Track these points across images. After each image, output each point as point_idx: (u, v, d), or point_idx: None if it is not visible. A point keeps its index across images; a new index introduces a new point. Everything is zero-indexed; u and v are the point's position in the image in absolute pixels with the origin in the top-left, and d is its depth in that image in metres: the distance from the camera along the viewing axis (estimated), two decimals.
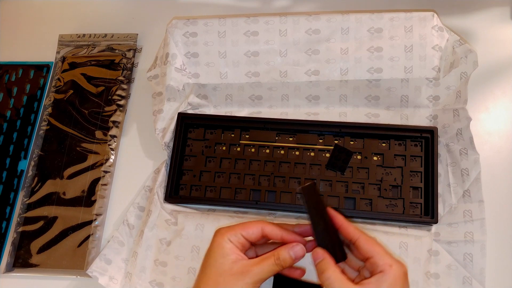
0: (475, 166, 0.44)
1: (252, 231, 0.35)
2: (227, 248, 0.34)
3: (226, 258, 0.34)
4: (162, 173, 0.48)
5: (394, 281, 0.31)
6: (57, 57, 0.58)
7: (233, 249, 0.34)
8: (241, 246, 0.35)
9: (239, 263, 0.33)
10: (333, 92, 0.50)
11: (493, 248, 0.43)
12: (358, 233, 0.34)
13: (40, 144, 0.53)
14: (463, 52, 0.47)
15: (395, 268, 0.32)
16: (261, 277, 0.33)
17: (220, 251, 0.34)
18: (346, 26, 0.48)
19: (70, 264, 0.47)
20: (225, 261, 0.33)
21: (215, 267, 0.34)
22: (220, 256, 0.34)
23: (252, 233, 0.35)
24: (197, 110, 0.52)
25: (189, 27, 0.50)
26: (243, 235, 0.35)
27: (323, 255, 0.34)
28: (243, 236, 0.35)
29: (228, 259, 0.34)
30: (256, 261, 0.34)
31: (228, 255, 0.34)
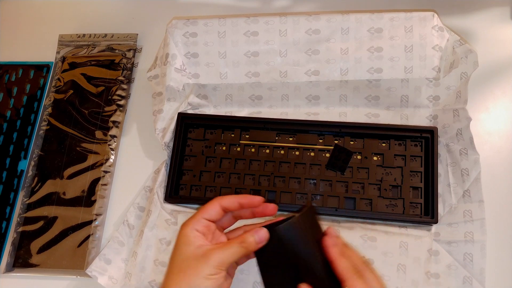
0: (475, 166, 0.44)
1: (211, 210, 0.35)
2: (191, 237, 0.34)
3: (190, 245, 0.34)
4: (162, 173, 0.48)
5: None
6: (57, 57, 0.58)
7: (197, 237, 0.34)
8: (207, 230, 0.35)
9: (203, 248, 0.34)
10: (333, 92, 0.50)
11: (493, 248, 0.43)
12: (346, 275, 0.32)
13: (40, 144, 0.53)
14: (463, 52, 0.47)
15: None
16: (224, 260, 0.33)
17: (184, 239, 0.34)
18: (346, 26, 0.48)
19: (70, 264, 0.47)
20: (189, 248, 0.34)
21: (179, 255, 0.34)
22: (184, 244, 0.34)
23: (212, 212, 0.35)
24: (197, 110, 0.52)
25: (189, 27, 0.50)
26: (205, 217, 0.35)
27: None
28: (205, 219, 0.35)
29: (191, 246, 0.34)
30: (220, 245, 0.34)
31: (192, 243, 0.34)
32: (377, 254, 0.43)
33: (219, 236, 0.37)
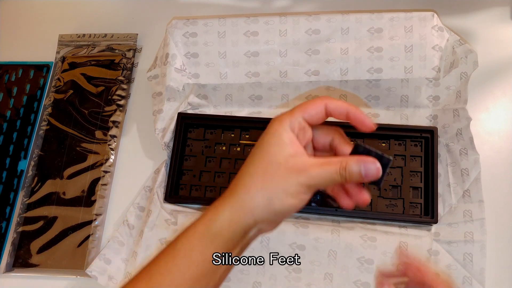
0: (475, 166, 0.44)
1: (315, 111, 0.29)
2: (286, 138, 0.28)
3: (283, 148, 0.28)
4: (162, 173, 0.48)
5: None
6: (57, 57, 0.58)
7: (293, 141, 0.28)
8: (302, 134, 0.29)
9: (298, 158, 0.28)
10: (333, 92, 0.50)
11: (493, 248, 0.43)
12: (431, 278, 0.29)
13: (40, 144, 0.53)
14: (463, 52, 0.47)
15: None
16: (318, 182, 0.28)
17: (276, 139, 0.28)
18: (346, 26, 0.48)
19: (70, 264, 0.47)
20: (282, 152, 0.28)
21: (268, 155, 0.28)
22: (276, 145, 0.28)
23: (315, 114, 0.29)
24: (197, 110, 0.52)
25: (189, 27, 0.50)
26: (304, 118, 0.29)
27: None
28: (304, 120, 0.29)
29: (285, 150, 0.28)
30: (319, 162, 0.28)
31: (285, 145, 0.28)
32: (377, 254, 0.43)
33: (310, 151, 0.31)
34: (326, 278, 0.43)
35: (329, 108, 0.29)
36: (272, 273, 0.44)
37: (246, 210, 0.28)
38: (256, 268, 0.44)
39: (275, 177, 0.27)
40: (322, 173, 0.27)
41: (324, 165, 0.28)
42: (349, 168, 0.27)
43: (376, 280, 0.30)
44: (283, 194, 0.27)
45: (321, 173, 0.27)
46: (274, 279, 0.44)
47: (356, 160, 0.28)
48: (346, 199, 0.30)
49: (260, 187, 0.28)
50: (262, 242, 0.44)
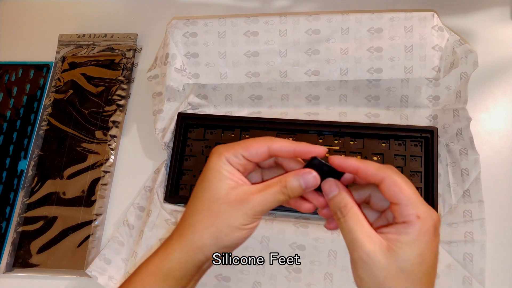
0: (475, 166, 0.44)
1: (255, 151, 0.29)
2: (225, 171, 0.28)
3: (223, 182, 0.28)
4: (162, 173, 0.48)
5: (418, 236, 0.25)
6: (57, 57, 0.58)
7: (232, 172, 0.28)
8: (242, 168, 0.29)
9: (238, 189, 0.28)
10: (333, 92, 0.50)
11: (493, 248, 0.43)
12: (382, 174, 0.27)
13: (40, 144, 0.53)
14: (463, 52, 0.47)
15: (424, 220, 0.25)
16: (262, 208, 0.28)
17: (216, 173, 0.28)
18: (346, 26, 0.48)
19: (70, 264, 0.47)
20: (222, 186, 0.28)
21: (210, 192, 0.28)
22: (216, 180, 0.28)
23: (255, 153, 0.29)
24: (197, 110, 0.52)
25: (189, 27, 0.50)
26: (244, 156, 0.29)
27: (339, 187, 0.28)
28: (244, 158, 0.29)
29: (225, 184, 0.28)
30: (259, 188, 0.28)
31: (225, 178, 0.28)
32: None
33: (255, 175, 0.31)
34: (326, 278, 0.43)
35: (273, 149, 0.29)
36: (272, 273, 0.44)
37: (195, 249, 0.28)
38: (256, 268, 0.44)
39: (219, 214, 0.28)
40: (264, 198, 0.28)
41: (265, 190, 0.28)
42: (289, 185, 0.28)
43: None
44: (229, 229, 0.28)
45: (263, 199, 0.28)
46: (274, 279, 0.44)
47: (293, 175, 0.28)
48: (305, 204, 0.31)
49: (206, 226, 0.28)
50: (262, 242, 0.44)
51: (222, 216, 0.28)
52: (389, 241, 0.26)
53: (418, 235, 0.25)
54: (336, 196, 0.28)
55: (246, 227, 0.28)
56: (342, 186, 0.29)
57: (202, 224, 0.28)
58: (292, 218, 0.46)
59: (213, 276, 0.44)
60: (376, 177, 0.27)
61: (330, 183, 0.28)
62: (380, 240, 0.26)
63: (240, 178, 0.29)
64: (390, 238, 0.26)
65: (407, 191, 0.26)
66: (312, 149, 0.29)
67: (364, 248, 0.26)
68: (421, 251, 0.25)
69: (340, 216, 0.28)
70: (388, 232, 0.26)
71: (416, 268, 0.26)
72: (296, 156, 0.29)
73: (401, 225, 0.26)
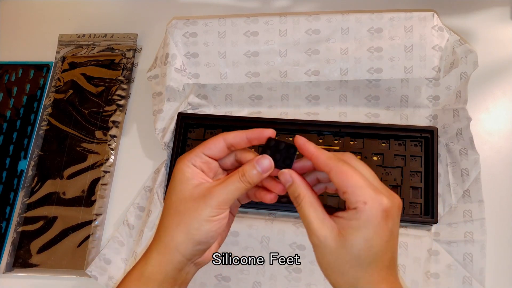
0: (475, 166, 0.44)
1: (214, 146, 0.31)
2: (188, 173, 0.30)
3: (187, 183, 0.30)
4: (162, 173, 0.48)
5: (365, 222, 0.26)
6: (57, 57, 0.58)
7: (196, 173, 0.30)
8: (207, 168, 0.31)
9: (201, 186, 0.30)
10: (333, 92, 0.50)
11: (493, 248, 0.43)
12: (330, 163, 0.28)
13: (40, 144, 0.53)
14: (463, 52, 0.47)
15: (370, 206, 0.26)
16: (226, 198, 0.29)
17: (180, 176, 0.30)
18: (346, 26, 0.48)
19: (70, 264, 0.47)
20: (186, 186, 0.30)
21: (175, 194, 0.30)
22: (180, 183, 0.30)
23: (214, 148, 0.31)
24: (197, 110, 0.52)
25: (189, 27, 0.50)
26: (205, 153, 0.31)
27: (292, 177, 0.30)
28: (206, 155, 0.31)
29: (189, 184, 0.30)
30: (220, 181, 0.30)
31: (189, 179, 0.30)
32: None
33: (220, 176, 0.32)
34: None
35: (228, 140, 0.31)
36: (272, 273, 0.44)
37: (171, 249, 0.30)
38: (256, 268, 0.44)
39: (186, 211, 0.29)
40: (226, 189, 0.29)
41: (225, 181, 0.30)
42: (247, 173, 0.30)
43: None
44: (198, 223, 0.29)
45: (225, 189, 0.29)
46: (274, 279, 0.44)
47: (249, 164, 0.30)
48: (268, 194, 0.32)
49: (176, 225, 0.30)
50: (262, 242, 0.44)
51: (189, 212, 0.29)
52: (341, 226, 0.27)
53: (365, 221, 0.27)
54: (291, 186, 0.30)
55: (214, 219, 0.29)
56: (296, 176, 0.30)
57: (173, 223, 0.30)
58: (292, 218, 0.46)
59: (213, 276, 0.44)
60: (325, 166, 0.28)
61: (285, 174, 0.30)
62: (332, 225, 0.28)
63: (203, 178, 0.31)
64: (341, 223, 0.27)
65: (354, 178, 0.27)
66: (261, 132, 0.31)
67: (317, 233, 0.28)
68: (368, 236, 0.27)
69: (296, 204, 0.30)
70: (341, 217, 0.28)
71: (364, 253, 0.27)
72: (250, 141, 0.31)
73: (351, 211, 0.27)
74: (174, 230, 0.30)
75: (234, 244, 0.44)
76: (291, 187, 0.30)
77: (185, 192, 0.30)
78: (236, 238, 0.44)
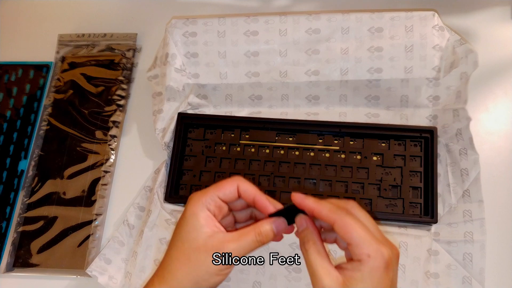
0: (474, 166, 0.44)
1: (228, 191, 0.32)
2: (202, 218, 0.31)
3: (201, 231, 0.30)
4: (162, 173, 0.48)
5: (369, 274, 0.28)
6: (57, 57, 0.58)
7: (209, 220, 0.31)
8: (218, 211, 0.32)
9: (215, 238, 0.30)
10: (333, 92, 0.50)
11: (493, 248, 0.43)
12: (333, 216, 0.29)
13: (40, 144, 0.53)
14: (463, 52, 0.47)
15: (373, 259, 0.28)
16: (238, 254, 0.30)
17: (193, 222, 0.31)
18: (346, 26, 0.48)
19: (70, 264, 0.48)
20: (199, 235, 0.30)
21: (188, 241, 0.30)
22: (194, 229, 0.30)
23: (229, 193, 0.32)
24: (197, 110, 0.52)
25: (189, 26, 0.50)
26: (219, 197, 0.32)
27: (307, 223, 0.31)
28: (219, 198, 0.32)
29: (202, 233, 0.30)
30: (235, 236, 0.31)
31: (202, 227, 0.30)
32: None
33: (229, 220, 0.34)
34: None
35: (240, 190, 0.32)
36: (272, 273, 0.44)
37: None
38: (256, 268, 0.44)
39: (198, 262, 0.30)
40: (240, 246, 0.31)
41: (240, 237, 0.31)
42: (264, 231, 0.31)
43: None
44: (208, 275, 0.30)
45: (239, 247, 0.31)
46: (274, 279, 0.44)
47: (267, 222, 0.32)
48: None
49: (185, 272, 0.30)
50: None
51: (201, 264, 0.30)
52: (345, 277, 0.28)
53: (369, 272, 0.28)
54: (303, 231, 0.31)
55: (223, 272, 0.31)
56: (310, 222, 0.31)
57: (182, 271, 0.30)
58: None
59: None
60: (329, 219, 0.29)
61: (301, 219, 0.32)
62: (337, 276, 0.29)
63: (216, 225, 0.31)
64: (346, 274, 0.29)
65: (358, 232, 0.28)
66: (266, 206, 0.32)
67: (322, 282, 0.28)
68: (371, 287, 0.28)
69: (304, 251, 0.31)
70: (346, 268, 0.29)
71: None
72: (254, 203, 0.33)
73: (356, 263, 0.28)
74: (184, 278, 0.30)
75: None
76: (303, 232, 0.31)
77: (199, 242, 0.30)
78: None
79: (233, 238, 0.31)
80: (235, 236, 0.31)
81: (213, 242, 0.30)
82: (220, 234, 0.31)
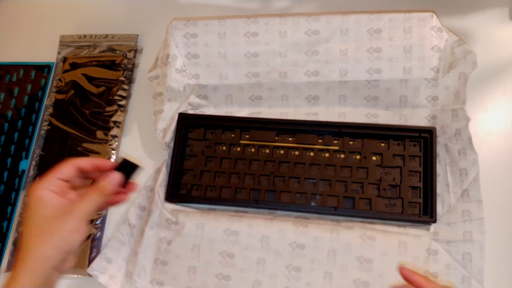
0: (473, 166, 0.44)
1: (66, 169, 0.34)
2: (45, 198, 0.33)
3: (47, 206, 0.33)
4: (162, 173, 0.48)
5: None
6: (58, 58, 0.58)
7: (52, 197, 0.33)
8: (60, 191, 0.34)
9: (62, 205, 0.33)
10: (333, 93, 0.50)
11: (492, 247, 0.44)
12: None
13: (41, 144, 0.54)
14: (462, 52, 0.47)
15: None
16: (87, 211, 0.33)
17: (38, 202, 0.33)
18: (345, 27, 0.49)
19: None
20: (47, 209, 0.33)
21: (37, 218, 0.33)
22: (40, 207, 0.33)
23: (66, 171, 0.34)
24: (198, 110, 0.53)
25: (190, 28, 0.50)
26: (58, 177, 0.34)
27: None
28: (59, 179, 0.34)
29: (50, 206, 0.33)
30: (79, 197, 0.34)
31: (48, 203, 0.33)
32: (376, 253, 0.43)
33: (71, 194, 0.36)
34: (326, 277, 0.43)
35: (79, 164, 0.35)
36: (272, 272, 0.44)
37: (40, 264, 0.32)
38: (256, 267, 0.44)
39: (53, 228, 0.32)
40: (87, 202, 0.34)
41: (83, 197, 0.34)
42: (101, 185, 0.35)
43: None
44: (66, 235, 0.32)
45: (85, 204, 0.33)
46: (274, 278, 0.44)
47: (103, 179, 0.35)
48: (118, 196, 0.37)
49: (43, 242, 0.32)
50: (262, 241, 0.44)
51: (56, 228, 0.32)
52: None
53: None
54: None
55: (80, 230, 0.33)
56: None
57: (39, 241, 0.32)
58: (292, 217, 0.47)
59: (213, 275, 0.45)
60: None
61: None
62: None
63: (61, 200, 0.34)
64: None
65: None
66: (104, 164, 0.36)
67: None
68: None
69: None
70: None
71: None
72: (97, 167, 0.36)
73: None
74: (43, 246, 0.32)
75: (235, 243, 0.45)
76: None
77: (48, 213, 0.32)
78: (236, 237, 0.45)
79: (78, 200, 0.34)
80: (79, 198, 0.34)
81: (62, 209, 0.33)
82: (67, 202, 0.34)
